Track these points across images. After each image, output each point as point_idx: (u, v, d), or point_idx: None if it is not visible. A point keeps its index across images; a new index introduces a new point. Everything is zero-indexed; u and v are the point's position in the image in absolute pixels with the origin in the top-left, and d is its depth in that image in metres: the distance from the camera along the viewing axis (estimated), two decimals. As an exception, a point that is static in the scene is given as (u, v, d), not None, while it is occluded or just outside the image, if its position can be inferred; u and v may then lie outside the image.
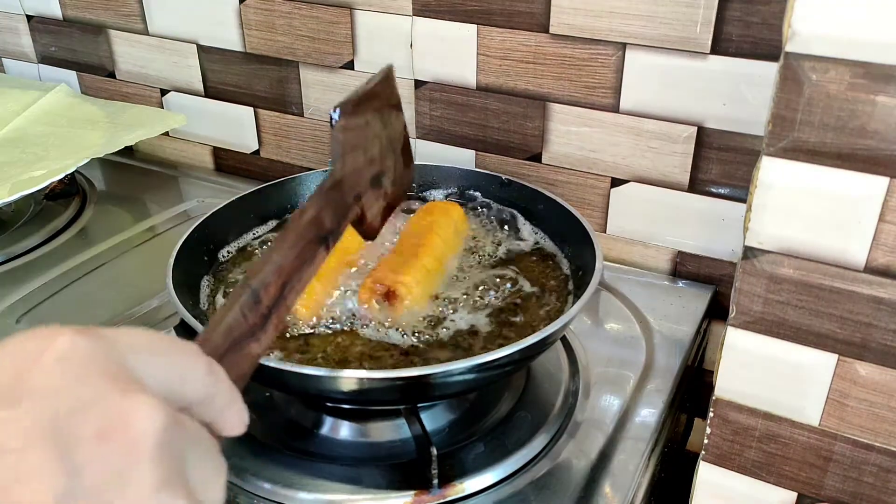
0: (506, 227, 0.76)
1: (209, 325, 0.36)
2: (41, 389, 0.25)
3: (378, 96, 0.54)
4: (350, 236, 0.52)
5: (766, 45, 0.70)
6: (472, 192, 0.79)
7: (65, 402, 0.25)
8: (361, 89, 0.52)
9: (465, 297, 0.65)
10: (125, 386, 0.26)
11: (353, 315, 0.62)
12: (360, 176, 0.50)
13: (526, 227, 0.75)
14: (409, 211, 0.76)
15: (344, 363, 0.58)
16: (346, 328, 0.61)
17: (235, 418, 0.33)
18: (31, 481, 0.23)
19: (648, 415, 0.65)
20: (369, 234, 0.54)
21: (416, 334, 0.61)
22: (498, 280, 0.68)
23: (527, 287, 0.68)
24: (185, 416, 0.29)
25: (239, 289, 0.38)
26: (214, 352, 0.35)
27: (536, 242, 0.73)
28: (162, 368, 0.29)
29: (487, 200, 0.78)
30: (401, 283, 0.62)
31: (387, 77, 0.56)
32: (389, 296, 0.62)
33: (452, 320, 0.63)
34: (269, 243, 0.74)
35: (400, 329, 0.61)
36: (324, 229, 0.45)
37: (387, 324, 0.61)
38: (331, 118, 0.48)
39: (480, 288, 0.67)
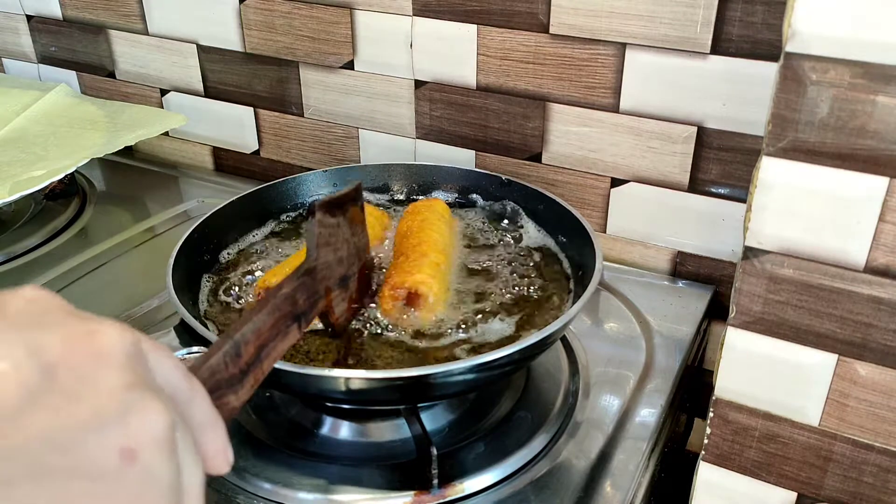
0: (505, 227, 0.76)
1: (193, 364, 0.37)
2: (12, 315, 0.27)
3: (349, 205, 0.60)
4: None
5: (766, 45, 0.70)
6: (471, 192, 0.79)
7: (36, 321, 0.26)
8: (336, 193, 0.58)
9: (464, 296, 0.65)
10: (89, 317, 0.28)
11: (380, 324, 0.62)
12: (331, 271, 0.55)
13: (526, 228, 0.75)
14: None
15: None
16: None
17: (219, 444, 0.33)
18: (4, 377, 0.24)
19: (648, 415, 0.65)
20: (336, 329, 0.58)
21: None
22: (498, 280, 0.68)
23: (527, 287, 0.68)
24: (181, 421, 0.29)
25: (221, 339, 0.40)
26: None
27: (536, 242, 0.73)
28: (129, 341, 0.29)
29: (487, 201, 0.78)
30: (420, 282, 0.62)
31: (357, 190, 0.62)
32: (412, 298, 0.62)
33: (453, 320, 0.63)
34: (268, 244, 0.74)
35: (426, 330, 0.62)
36: (297, 308, 0.48)
37: (413, 327, 0.62)
38: (309, 211, 0.54)
39: (481, 288, 0.67)
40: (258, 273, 0.69)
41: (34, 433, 0.24)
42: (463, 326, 0.62)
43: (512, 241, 0.74)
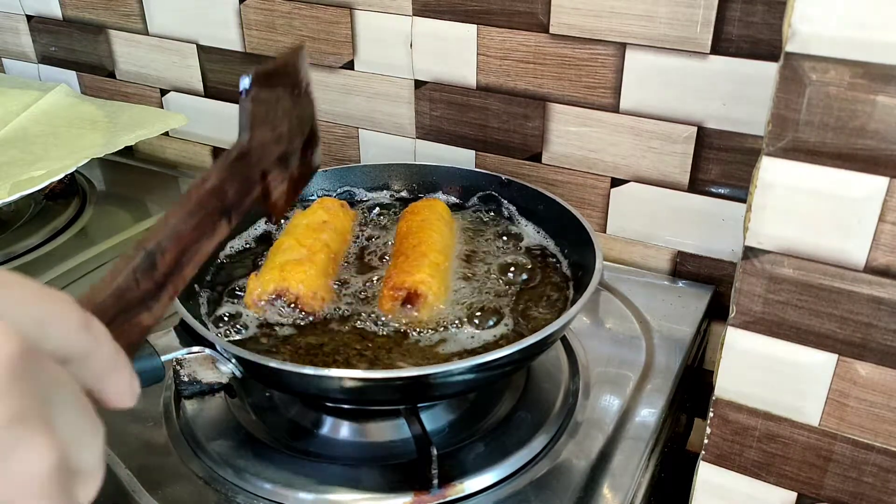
0: (505, 227, 0.76)
1: (97, 286, 0.33)
2: None
3: (289, 73, 0.53)
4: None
5: (766, 45, 0.70)
6: (471, 192, 0.79)
7: None
8: (273, 63, 0.51)
9: (464, 296, 0.65)
10: None
11: (379, 321, 0.63)
12: (267, 151, 0.49)
13: (526, 228, 0.75)
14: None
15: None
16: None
17: (122, 385, 0.29)
18: None
19: (648, 415, 0.65)
20: (275, 213, 0.51)
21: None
22: (498, 280, 0.68)
23: (526, 287, 0.68)
24: (48, 358, 0.26)
25: (132, 251, 0.35)
26: (101, 313, 0.32)
27: (536, 242, 0.73)
28: (18, 305, 0.26)
29: (487, 201, 0.78)
30: (420, 282, 0.62)
31: (299, 54, 0.54)
32: (412, 298, 0.62)
33: (453, 320, 0.63)
34: (267, 243, 0.74)
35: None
36: (226, 201, 0.43)
37: (413, 326, 0.62)
38: (240, 86, 0.47)
39: (481, 288, 0.67)
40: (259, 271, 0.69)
41: None
42: (463, 326, 0.62)
43: (511, 241, 0.74)
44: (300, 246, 0.67)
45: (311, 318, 0.63)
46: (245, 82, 0.47)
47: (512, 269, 0.70)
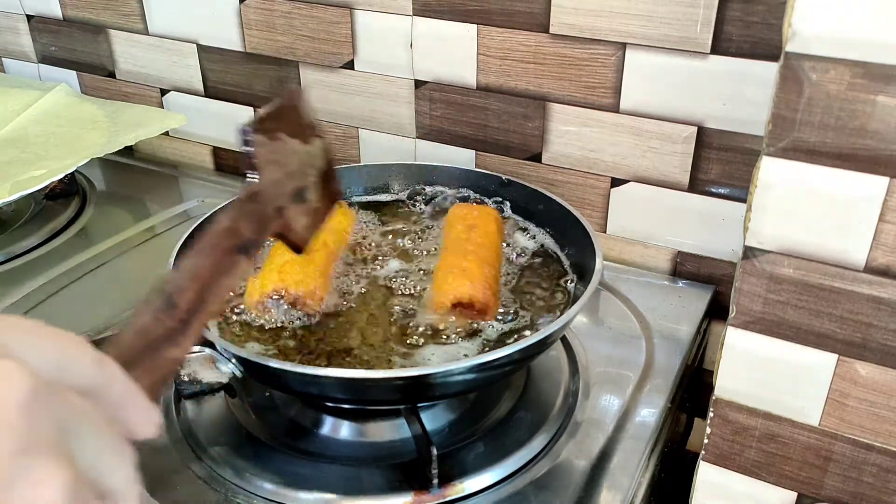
0: (505, 227, 0.76)
1: (122, 330, 0.36)
2: None
3: (288, 114, 0.56)
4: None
5: (766, 45, 0.70)
6: (472, 192, 0.79)
7: None
8: (271, 105, 0.54)
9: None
10: None
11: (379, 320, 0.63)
12: (279, 189, 0.51)
13: (526, 227, 0.75)
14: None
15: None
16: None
17: (140, 416, 0.32)
18: None
19: (648, 415, 0.65)
20: (297, 246, 0.54)
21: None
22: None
23: (526, 287, 0.68)
24: (70, 391, 0.28)
25: (150, 294, 0.38)
26: (126, 351, 0.35)
27: (536, 242, 0.73)
28: (34, 348, 0.28)
29: (487, 200, 0.78)
30: (491, 307, 0.62)
31: (296, 96, 0.58)
32: (476, 311, 0.62)
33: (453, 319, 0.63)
34: (267, 243, 0.74)
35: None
36: (241, 239, 0.45)
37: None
38: (240, 134, 0.50)
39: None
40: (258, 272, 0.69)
41: None
42: (463, 326, 0.62)
43: (511, 241, 0.74)
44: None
45: (310, 318, 0.63)
46: (245, 130, 0.50)
47: (512, 268, 0.70)
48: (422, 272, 0.69)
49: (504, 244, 0.73)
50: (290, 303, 0.63)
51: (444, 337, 0.61)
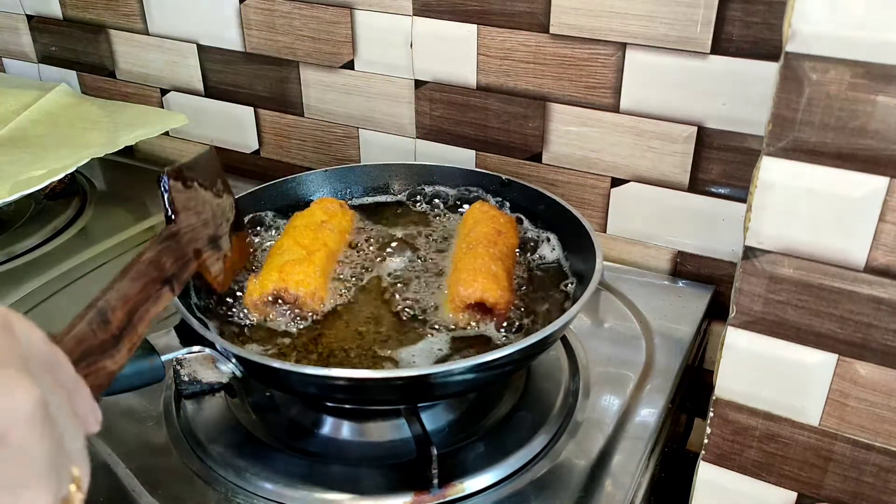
0: (506, 227, 0.76)
1: (57, 335, 0.38)
2: None
3: (202, 168, 0.62)
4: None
5: (766, 45, 0.70)
6: (472, 192, 0.79)
7: None
8: (185, 161, 0.60)
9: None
10: None
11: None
12: (196, 233, 0.57)
13: (526, 228, 0.75)
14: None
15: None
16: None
17: (87, 408, 0.33)
18: None
19: (648, 415, 0.65)
20: (215, 286, 0.60)
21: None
22: (498, 280, 0.68)
23: (527, 286, 0.68)
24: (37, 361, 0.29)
25: (87, 307, 0.41)
26: (67, 351, 0.36)
27: (536, 242, 0.73)
28: None
29: (490, 199, 0.78)
30: (504, 304, 0.63)
31: (209, 154, 0.65)
32: (486, 309, 0.62)
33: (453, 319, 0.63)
34: (267, 244, 0.74)
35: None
36: (165, 272, 0.50)
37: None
38: (159, 179, 0.56)
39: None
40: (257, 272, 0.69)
41: None
42: (462, 325, 0.62)
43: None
44: (298, 246, 0.67)
45: (310, 318, 0.63)
46: (163, 177, 0.56)
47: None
48: (422, 271, 0.69)
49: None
50: (290, 303, 0.63)
51: (437, 334, 0.61)
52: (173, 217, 0.55)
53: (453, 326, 0.62)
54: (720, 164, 0.76)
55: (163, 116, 0.99)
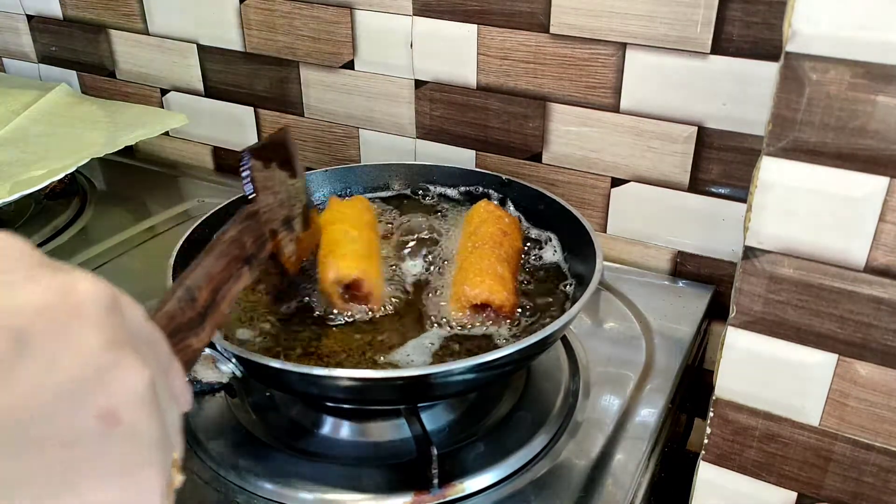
0: (506, 226, 0.76)
1: (151, 311, 0.38)
2: None
3: (280, 148, 0.62)
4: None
5: (766, 45, 0.70)
6: (472, 192, 0.79)
7: (4, 280, 0.25)
8: (265, 140, 0.60)
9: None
10: (61, 268, 0.26)
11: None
12: (273, 213, 0.57)
13: (526, 228, 0.75)
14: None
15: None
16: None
17: (181, 385, 0.33)
18: None
19: (648, 415, 0.65)
20: (289, 270, 0.60)
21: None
22: (498, 280, 0.68)
23: (527, 286, 0.68)
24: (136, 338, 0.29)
25: (174, 286, 0.42)
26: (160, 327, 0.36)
27: (536, 242, 0.73)
28: (106, 294, 0.28)
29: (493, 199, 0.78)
30: (510, 307, 0.63)
31: (285, 134, 0.64)
32: (491, 314, 0.62)
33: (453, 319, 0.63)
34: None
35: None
36: (246, 250, 0.50)
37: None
38: (241, 158, 0.56)
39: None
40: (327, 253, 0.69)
41: (8, 406, 0.23)
42: (463, 325, 0.62)
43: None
44: (363, 240, 0.67)
45: (368, 314, 0.63)
46: (245, 155, 0.56)
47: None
48: (422, 270, 0.69)
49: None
50: (362, 295, 0.63)
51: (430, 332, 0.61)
52: (254, 196, 0.55)
53: (454, 325, 0.62)
54: (720, 164, 0.76)
55: (163, 116, 0.99)
